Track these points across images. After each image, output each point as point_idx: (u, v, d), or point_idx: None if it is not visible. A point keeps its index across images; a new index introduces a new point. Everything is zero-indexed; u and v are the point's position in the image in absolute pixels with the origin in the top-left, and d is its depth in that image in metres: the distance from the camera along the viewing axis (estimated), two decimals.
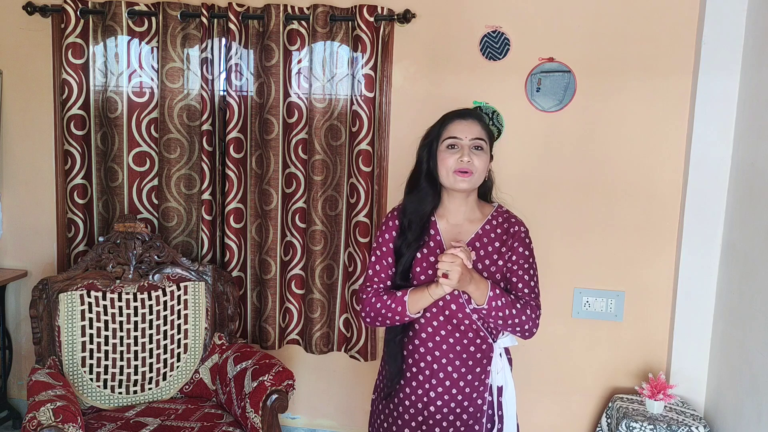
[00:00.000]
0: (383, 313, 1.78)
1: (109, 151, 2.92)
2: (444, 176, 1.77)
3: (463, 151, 1.75)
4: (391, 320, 1.78)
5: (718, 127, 2.54)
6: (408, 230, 1.80)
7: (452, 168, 1.75)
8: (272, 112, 2.80)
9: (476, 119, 1.81)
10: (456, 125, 1.78)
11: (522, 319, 1.75)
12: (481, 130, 1.79)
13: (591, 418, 2.84)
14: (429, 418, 1.80)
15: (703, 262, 2.60)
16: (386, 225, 1.86)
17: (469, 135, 1.76)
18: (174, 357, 2.63)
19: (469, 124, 1.78)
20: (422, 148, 1.84)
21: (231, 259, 2.88)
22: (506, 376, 1.85)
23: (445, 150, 1.77)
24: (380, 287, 1.83)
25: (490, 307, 1.71)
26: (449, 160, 1.75)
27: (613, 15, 2.63)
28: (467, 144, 1.76)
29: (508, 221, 1.84)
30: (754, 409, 2.22)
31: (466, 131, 1.77)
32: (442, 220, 1.84)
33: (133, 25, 2.83)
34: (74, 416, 2.08)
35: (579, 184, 2.73)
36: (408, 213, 1.82)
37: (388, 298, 1.78)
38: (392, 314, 1.77)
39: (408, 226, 1.80)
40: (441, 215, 1.84)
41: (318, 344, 2.92)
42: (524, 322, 1.76)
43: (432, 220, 1.83)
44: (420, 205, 1.81)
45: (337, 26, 2.75)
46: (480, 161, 1.76)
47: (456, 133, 1.77)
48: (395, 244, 1.83)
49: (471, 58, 2.73)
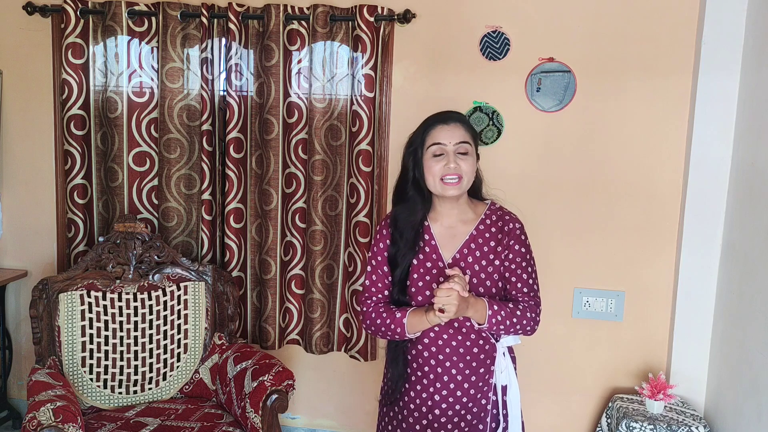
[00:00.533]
0: (383, 330, 1.80)
1: (109, 151, 2.92)
2: (432, 184, 1.76)
3: (449, 158, 1.72)
4: (392, 337, 1.81)
5: (718, 127, 2.54)
6: (400, 240, 1.79)
7: (439, 175, 1.73)
8: (272, 112, 2.80)
9: (458, 122, 1.78)
10: (439, 131, 1.75)
11: (523, 323, 1.77)
12: (464, 133, 1.76)
13: (591, 418, 2.84)
14: (434, 420, 1.80)
15: (703, 262, 2.60)
16: (380, 234, 1.86)
17: (452, 140, 1.74)
18: (174, 357, 2.63)
19: (452, 129, 1.75)
20: (407, 156, 1.81)
21: (231, 259, 2.88)
22: (510, 375, 1.84)
23: (430, 158, 1.74)
24: (380, 299, 1.84)
25: (491, 324, 1.73)
26: (435, 167, 1.73)
27: (613, 15, 2.63)
28: (452, 149, 1.73)
29: (502, 219, 1.82)
30: (754, 409, 2.22)
31: (450, 136, 1.74)
32: (435, 223, 1.82)
33: (133, 25, 2.83)
34: (74, 416, 2.08)
35: (579, 184, 2.73)
36: (399, 224, 1.80)
37: (388, 316, 1.78)
38: (392, 333, 1.79)
39: (400, 236, 1.79)
40: (434, 219, 1.83)
41: (318, 344, 2.92)
42: (526, 324, 1.78)
43: (425, 225, 1.82)
44: (411, 215, 1.79)
45: (337, 26, 2.75)
46: (467, 165, 1.74)
47: (440, 139, 1.74)
48: (389, 253, 1.82)
49: (471, 58, 2.73)
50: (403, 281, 1.80)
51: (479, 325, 1.73)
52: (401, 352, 1.83)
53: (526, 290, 1.79)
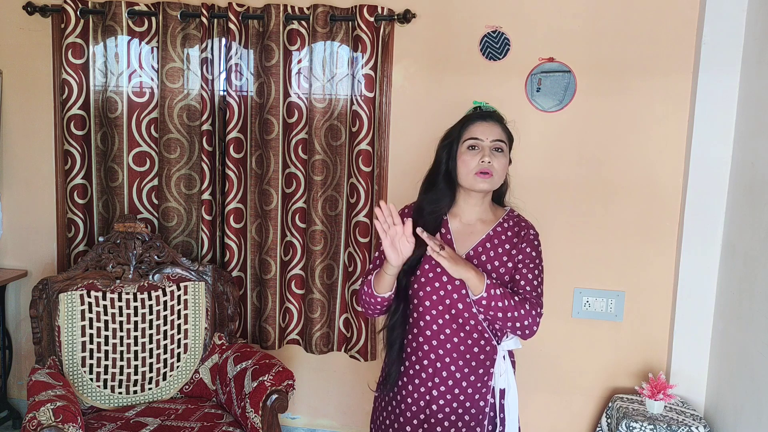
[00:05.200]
0: (364, 299, 1.84)
1: (109, 151, 2.92)
2: (464, 177, 1.78)
3: (483, 152, 1.76)
4: (373, 305, 1.83)
5: (718, 127, 2.54)
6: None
7: (473, 169, 1.76)
8: (272, 112, 2.80)
9: (497, 121, 1.83)
10: (477, 126, 1.80)
11: (521, 313, 1.73)
12: (501, 132, 1.81)
13: (591, 418, 2.84)
14: (430, 416, 1.80)
15: (703, 262, 2.60)
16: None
17: (490, 136, 1.78)
18: (174, 357, 2.63)
19: (490, 126, 1.80)
20: (442, 148, 1.85)
21: (231, 259, 2.88)
22: (509, 379, 1.85)
23: (466, 151, 1.78)
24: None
25: (489, 296, 1.71)
26: (470, 161, 1.77)
27: (613, 15, 2.63)
28: (488, 145, 1.77)
29: (518, 225, 1.85)
30: (754, 409, 2.22)
31: (487, 132, 1.78)
32: (454, 219, 1.85)
33: (133, 25, 2.83)
34: (74, 416, 2.08)
35: (579, 184, 2.73)
36: (424, 213, 1.83)
37: (363, 284, 1.85)
38: (368, 297, 1.83)
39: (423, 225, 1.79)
40: (454, 214, 1.85)
41: (318, 344, 2.92)
42: (524, 317, 1.74)
43: (443, 219, 1.84)
44: (437, 205, 1.82)
45: (337, 26, 2.75)
46: (500, 163, 1.78)
47: (477, 134, 1.78)
48: None
49: (471, 58, 2.73)
50: (412, 268, 1.81)
51: (475, 296, 1.72)
52: (398, 337, 1.84)
53: (529, 289, 1.78)
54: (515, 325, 1.76)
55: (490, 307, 1.73)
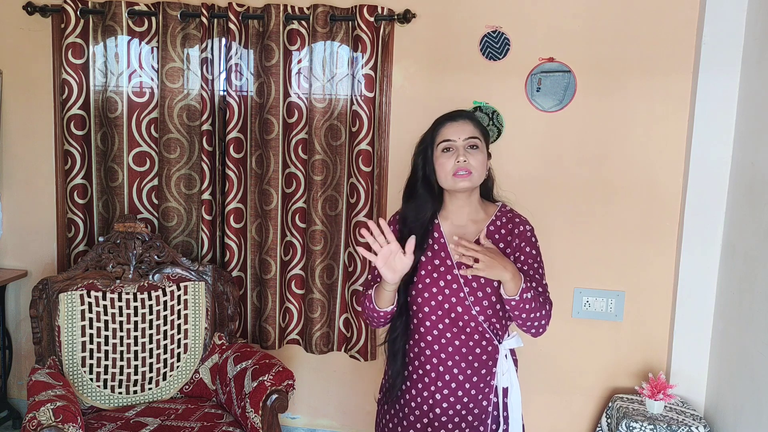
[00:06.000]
0: (368, 313, 1.83)
1: (109, 151, 2.92)
2: (444, 179, 1.77)
3: (458, 152, 1.75)
4: (376, 319, 1.81)
5: (718, 127, 2.54)
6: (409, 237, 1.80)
7: (451, 170, 1.75)
8: (272, 112, 2.80)
9: (467, 119, 1.81)
10: (448, 128, 1.78)
11: (543, 313, 1.72)
12: (473, 129, 1.79)
13: (591, 418, 2.84)
14: (435, 419, 1.80)
15: (703, 262, 2.60)
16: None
17: (462, 135, 1.76)
18: (174, 357, 2.63)
19: (460, 125, 1.78)
20: (417, 155, 1.83)
21: (231, 259, 2.88)
22: (512, 378, 1.84)
23: (441, 154, 1.77)
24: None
25: (521, 299, 1.66)
26: (447, 162, 1.75)
27: (613, 15, 2.63)
28: (461, 144, 1.75)
29: (512, 221, 1.83)
30: (754, 409, 2.22)
31: (459, 132, 1.77)
32: (445, 222, 1.83)
33: (133, 25, 2.83)
34: (74, 416, 2.08)
35: (579, 184, 2.73)
36: (408, 221, 1.82)
37: (365, 299, 1.83)
38: (371, 312, 1.81)
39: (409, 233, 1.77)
40: (444, 217, 1.84)
41: (318, 344, 2.92)
42: (542, 317, 1.73)
43: (435, 223, 1.83)
44: (419, 213, 1.81)
45: (337, 26, 2.75)
46: (476, 160, 1.75)
47: (449, 136, 1.77)
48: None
49: (471, 58, 2.73)
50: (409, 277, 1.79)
51: (509, 296, 1.66)
52: (400, 348, 1.83)
53: (540, 290, 1.77)
54: (533, 324, 1.74)
55: (518, 308, 1.68)
